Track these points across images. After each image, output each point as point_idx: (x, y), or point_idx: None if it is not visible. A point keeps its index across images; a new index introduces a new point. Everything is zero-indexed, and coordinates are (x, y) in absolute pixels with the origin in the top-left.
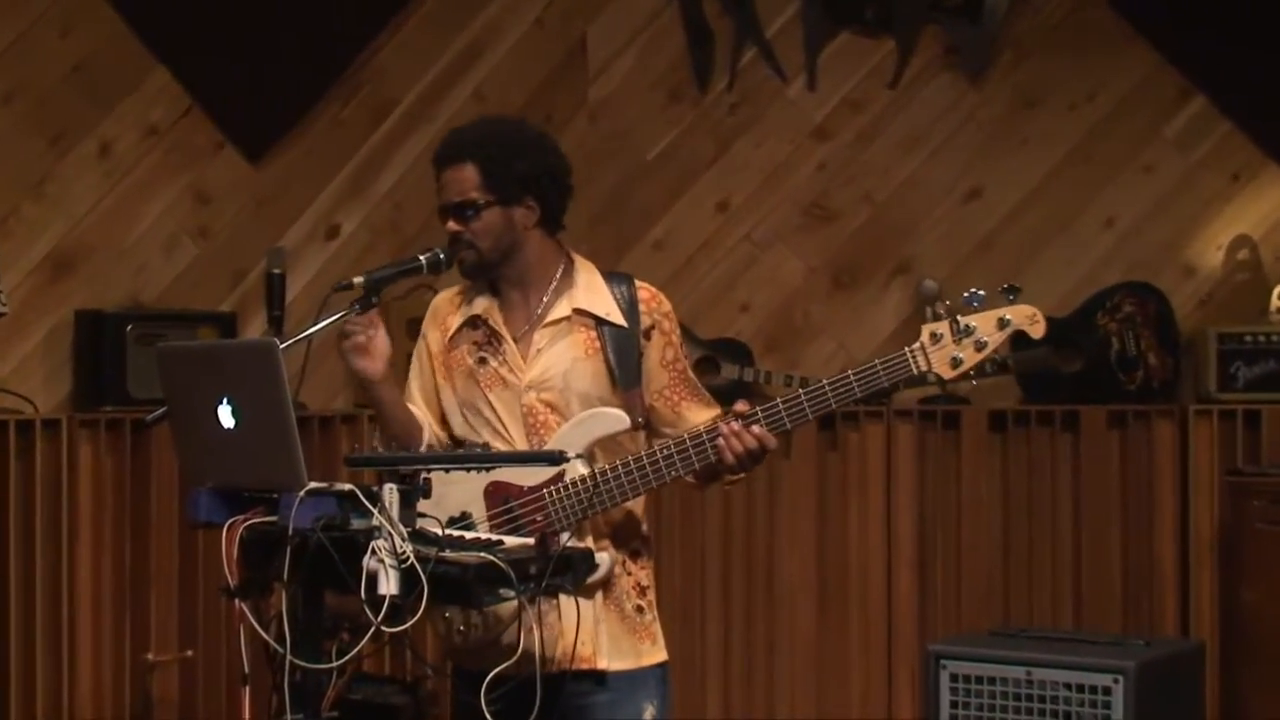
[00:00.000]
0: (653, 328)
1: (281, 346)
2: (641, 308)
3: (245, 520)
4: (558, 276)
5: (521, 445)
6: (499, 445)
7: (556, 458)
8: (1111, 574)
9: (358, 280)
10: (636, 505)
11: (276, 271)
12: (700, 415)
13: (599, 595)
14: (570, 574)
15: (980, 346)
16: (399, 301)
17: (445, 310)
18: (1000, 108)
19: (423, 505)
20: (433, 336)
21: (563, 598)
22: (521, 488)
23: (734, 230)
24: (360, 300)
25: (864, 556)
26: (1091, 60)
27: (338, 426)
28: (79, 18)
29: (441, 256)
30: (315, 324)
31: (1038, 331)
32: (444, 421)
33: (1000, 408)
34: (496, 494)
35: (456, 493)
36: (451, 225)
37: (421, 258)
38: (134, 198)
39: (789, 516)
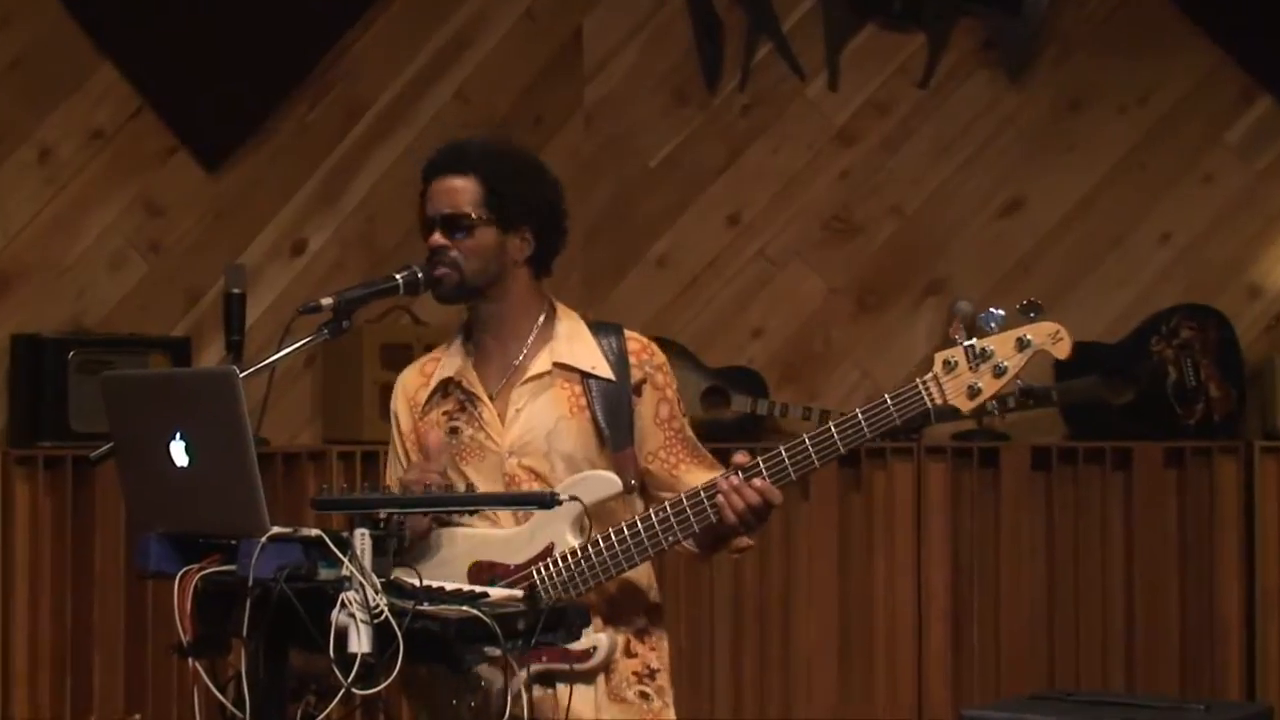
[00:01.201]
0: (644, 382)
1: (241, 375)
2: (631, 360)
3: (200, 570)
4: (538, 325)
5: (506, 520)
6: (480, 524)
7: (547, 499)
8: (1168, 630)
9: (326, 301)
10: (641, 572)
11: (236, 291)
12: (700, 479)
13: (600, 681)
14: (563, 629)
15: (999, 372)
16: (372, 325)
17: (414, 384)
18: (1043, 110)
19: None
20: (403, 414)
21: (559, 685)
22: (508, 566)
23: (746, 246)
24: (329, 324)
25: (891, 611)
26: (1145, 57)
27: (303, 465)
28: (15, 7)
29: (420, 275)
30: (279, 350)
31: (1062, 351)
32: None
33: (1044, 444)
34: (481, 575)
35: (439, 574)
36: (437, 239)
37: (398, 276)
38: (76, 209)
39: (807, 566)
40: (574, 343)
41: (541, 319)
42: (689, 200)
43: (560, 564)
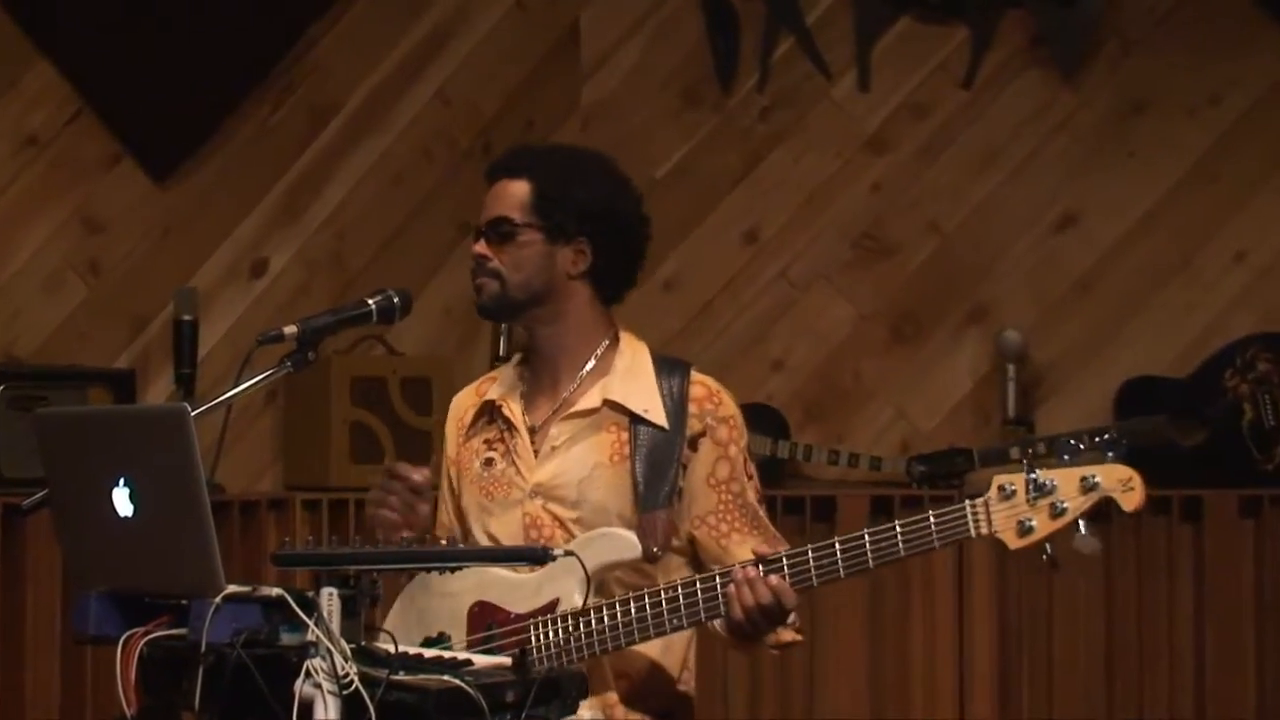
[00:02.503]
0: (703, 435)
1: (193, 413)
2: (692, 408)
3: (146, 633)
4: (597, 354)
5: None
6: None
7: (540, 554)
8: (1244, 701)
9: (290, 330)
10: (673, 655)
11: (187, 318)
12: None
13: None
14: (558, 701)
15: (1056, 512)
16: (341, 357)
17: (466, 403)
18: (1100, 113)
19: (403, 620)
20: (451, 442)
21: None
22: (509, 614)
23: (765, 267)
24: (293, 355)
25: (930, 679)
26: (1217, 54)
27: (263, 515)
28: None
29: (396, 300)
30: (236, 385)
31: (1130, 503)
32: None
33: None
34: (481, 617)
35: (441, 609)
36: (479, 246)
37: (371, 302)
38: (7, 224)
39: (832, 631)
40: (631, 379)
41: (602, 348)
42: (700, 215)
43: (560, 625)
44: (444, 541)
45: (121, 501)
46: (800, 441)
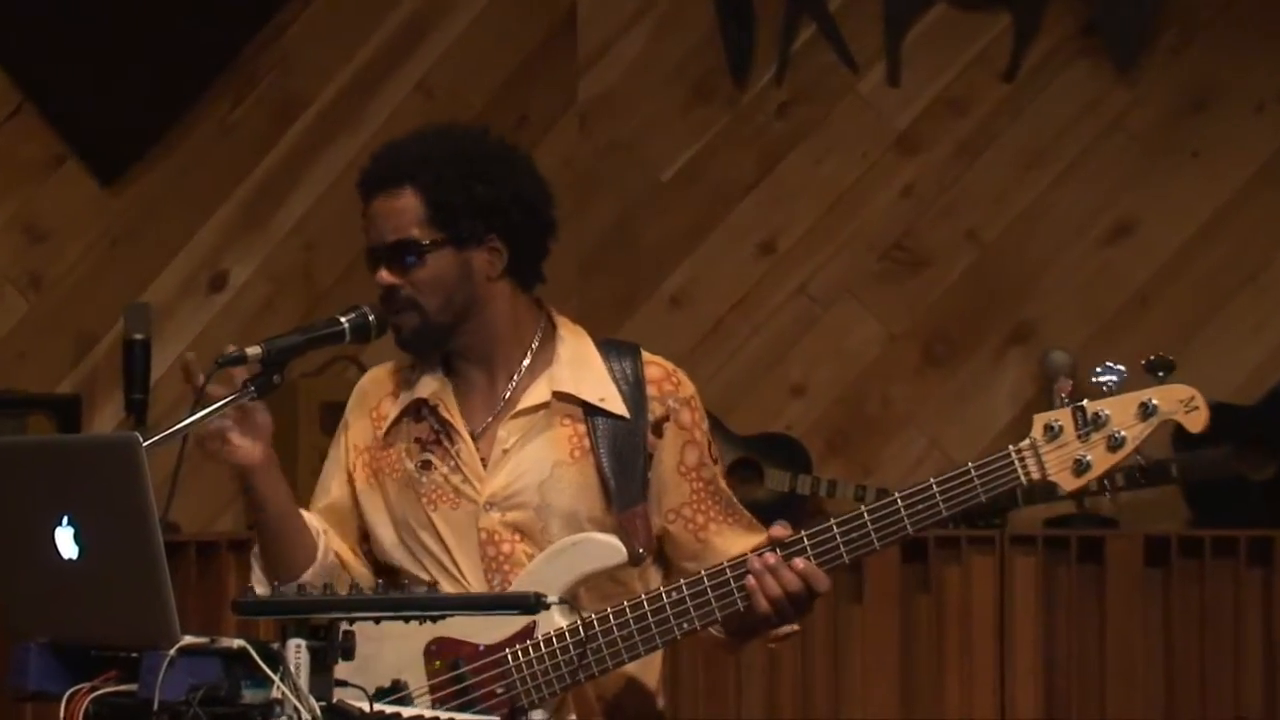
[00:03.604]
0: (666, 419)
1: (145, 444)
2: (651, 390)
3: (92, 689)
4: (534, 347)
5: (478, 586)
6: (446, 586)
7: (531, 603)
8: None
9: (253, 351)
10: (646, 668)
11: (138, 337)
12: (738, 544)
13: None
14: None
15: (1115, 444)
16: (309, 380)
17: (378, 392)
18: (1159, 110)
19: (342, 671)
20: (358, 427)
21: None
22: (477, 647)
23: (784, 280)
24: (257, 379)
25: None
26: None
27: (223, 557)
28: None
29: (371, 318)
30: (193, 413)
31: (1196, 423)
32: (364, 539)
33: (1161, 532)
34: (442, 654)
35: (387, 653)
36: (384, 276)
37: (343, 320)
38: None
39: (860, 685)
40: (579, 367)
41: (537, 339)
42: (710, 223)
43: (544, 649)
44: (319, 527)
45: (65, 542)
46: (823, 476)
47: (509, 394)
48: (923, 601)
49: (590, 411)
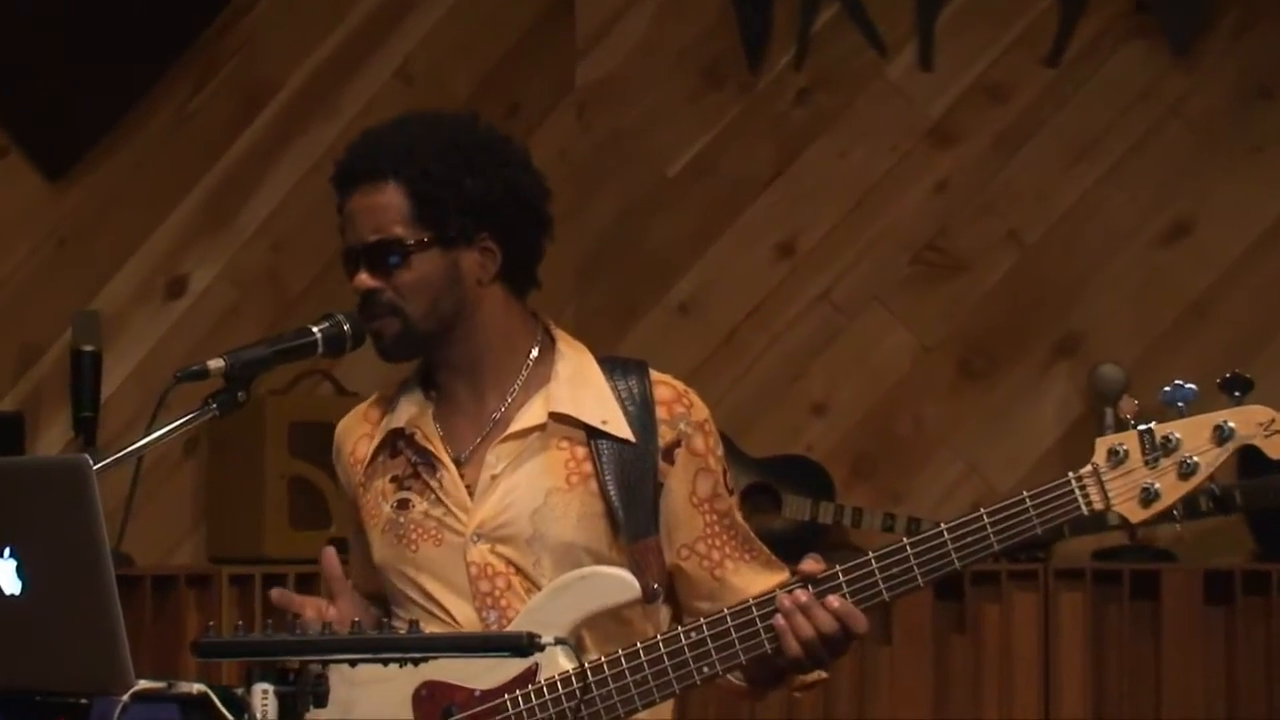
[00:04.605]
0: (677, 444)
1: (96, 467)
2: (660, 412)
3: None
4: (529, 361)
5: (468, 617)
6: (433, 624)
7: (525, 644)
8: None
9: (215, 364)
10: (657, 717)
11: (88, 349)
12: (758, 583)
13: None
14: None
15: (1187, 471)
16: (278, 397)
17: (353, 435)
18: (1220, 97)
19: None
20: (344, 479)
21: None
22: (472, 692)
23: (804, 286)
24: (220, 395)
25: None
26: None
27: (182, 593)
28: None
29: (347, 327)
30: (148, 433)
31: (1278, 448)
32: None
33: (1223, 566)
34: (433, 701)
35: (371, 698)
36: (363, 279)
37: (316, 330)
38: None
39: None
40: (579, 386)
41: (534, 353)
42: (723, 222)
43: (546, 695)
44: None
45: (6, 576)
46: (847, 504)
47: (500, 414)
48: (958, 642)
49: (593, 434)
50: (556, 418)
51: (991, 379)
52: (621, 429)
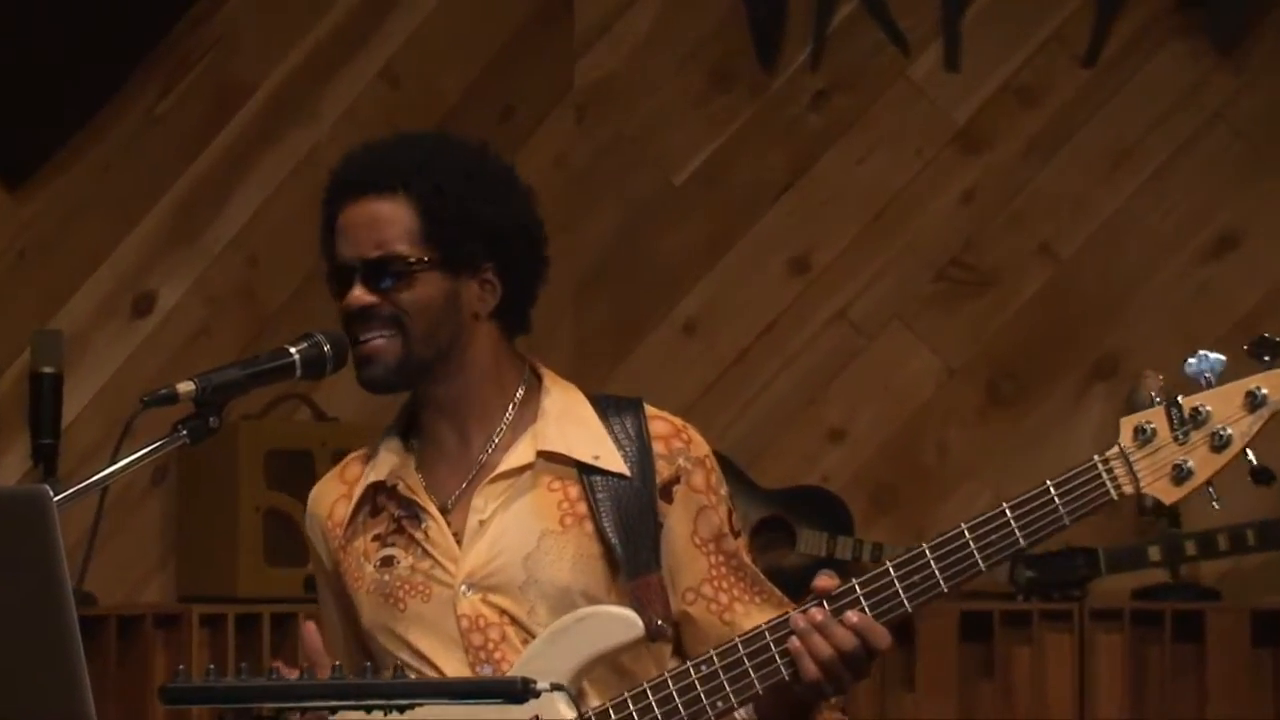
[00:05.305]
0: (675, 481)
1: (56, 498)
2: (657, 447)
3: None
4: (515, 401)
5: (459, 669)
6: (427, 671)
7: (520, 689)
8: None
9: (185, 388)
10: None
11: (48, 370)
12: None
13: None
14: None
15: (1220, 444)
16: (253, 423)
17: (331, 496)
18: (1269, 99)
19: None
20: (319, 544)
21: None
22: None
23: (820, 304)
24: (190, 421)
25: None
26: None
27: (148, 634)
28: None
29: (327, 348)
30: (113, 462)
31: None
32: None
33: (1272, 604)
34: None
35: None
36: (357, 295)
37: (294, 350)
38: None
39: None
40: (569, 423)
41: (520, 393)
42: (733, 235)
43: None
44: None
45: None
46: (866, 539)
47: (486, 457)
48: (986, 689)
49: (585, 471)
50: (546, 456)
51: (1023, 404)
52: (614, 462)
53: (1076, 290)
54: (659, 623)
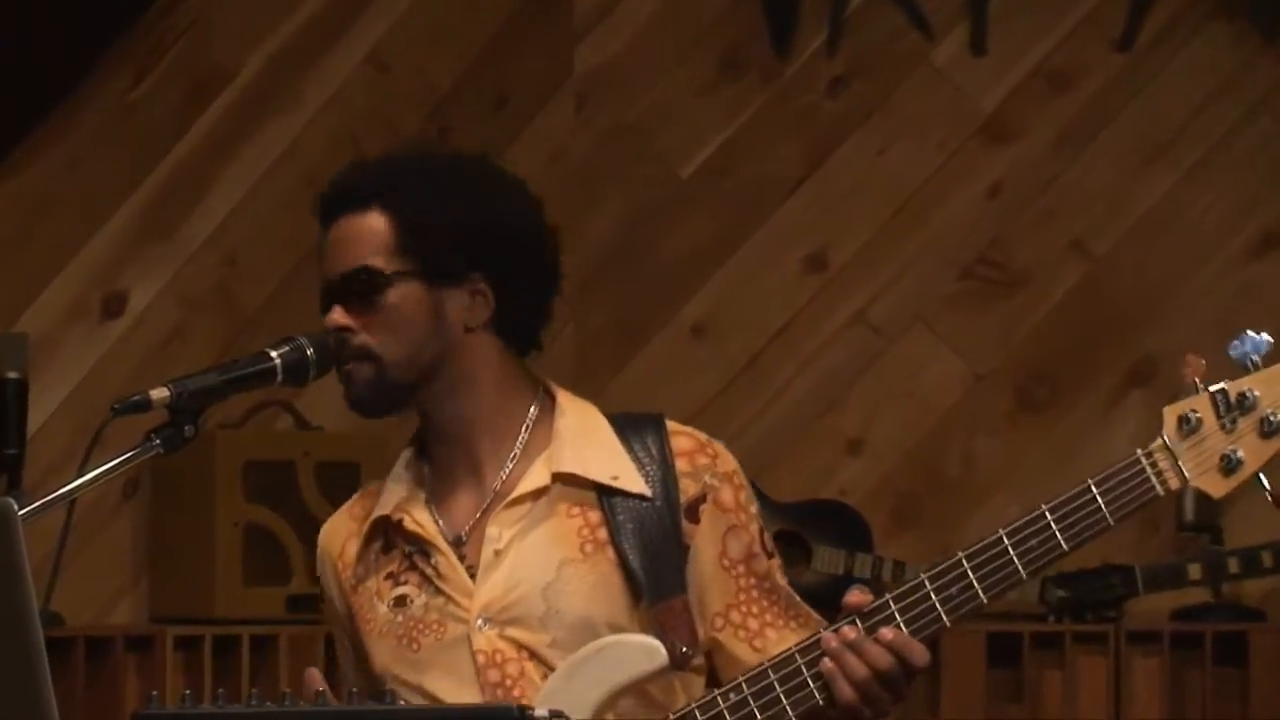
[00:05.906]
0: (702, 499)
1: (21, 513)
2: (680, 465)
3: None
4: (528, 422)
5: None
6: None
7: (516, 717)
8: None
9: (159, 394)
10: None
11: (12, 376)
12: None
13: None
14: None
15: (1271, 430)
16: (231, 433)
17: (341, 534)
18: None
19: None
20: (330, 584)
21: None
22: None
23: (838, 305)
24: (164, 430)
25: None
26: None
27: (119, 657)
28: None
29: (310, 353)
30: (82, 474)
31: None
32: None
33: None
34: None
35: None
36: (334, 317)
37: (274, 355)
38: None
39: None
40: (585, 443)
41: (533, 414)
42: (744, 231)
43: None
44: None
45: None
46: (887, 555)
47: (499, 485)
48: (1014, 715)
49: (605, 493)
50: (562, 479)
51: (1054, 411)
52: (634, 483)
53: (1111, 290)
54: (684, 649)
